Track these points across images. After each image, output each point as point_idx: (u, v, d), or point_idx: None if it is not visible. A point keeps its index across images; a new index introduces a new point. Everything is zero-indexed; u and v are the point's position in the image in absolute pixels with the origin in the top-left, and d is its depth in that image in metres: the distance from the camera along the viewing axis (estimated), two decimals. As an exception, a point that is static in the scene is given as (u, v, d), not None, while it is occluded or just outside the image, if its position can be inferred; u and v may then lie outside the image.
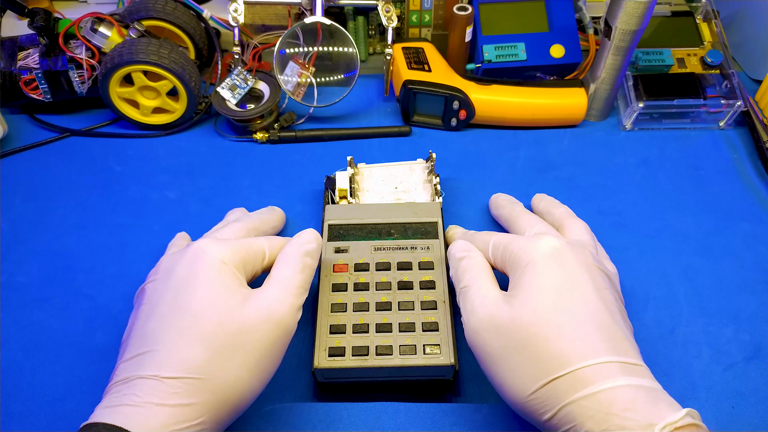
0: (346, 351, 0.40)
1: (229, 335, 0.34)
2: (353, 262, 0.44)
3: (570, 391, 0.31)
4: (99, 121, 0.60)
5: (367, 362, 0.39)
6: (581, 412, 0.31)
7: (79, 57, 0.56)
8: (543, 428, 0.33)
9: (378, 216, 0.47)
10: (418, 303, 0.42)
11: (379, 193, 0.51)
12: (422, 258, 0.44)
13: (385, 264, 0.44)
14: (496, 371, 0.34)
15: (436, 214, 0.47)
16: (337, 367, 0.39)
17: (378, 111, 0.63)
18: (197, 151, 0.58)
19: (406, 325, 0.41)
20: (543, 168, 0.57)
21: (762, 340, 0.45)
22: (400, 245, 0.45)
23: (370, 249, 0.45)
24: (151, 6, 0.57)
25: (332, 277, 0.43)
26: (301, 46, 0.59)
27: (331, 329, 0.41)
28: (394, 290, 0.43)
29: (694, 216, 0.53)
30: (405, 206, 0.48)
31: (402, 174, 0.53)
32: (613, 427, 0.29)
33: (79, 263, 0.49)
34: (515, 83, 0.60)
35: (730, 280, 0.49)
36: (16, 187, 0.55)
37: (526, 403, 0.33)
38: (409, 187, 0.52)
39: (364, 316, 0.41)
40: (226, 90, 0.58)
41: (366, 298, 0.42)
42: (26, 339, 0.44)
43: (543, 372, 0.32)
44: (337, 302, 0.42)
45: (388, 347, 0.40)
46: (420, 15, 0.65)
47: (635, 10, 0.52)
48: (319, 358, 0.39)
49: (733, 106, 0.59)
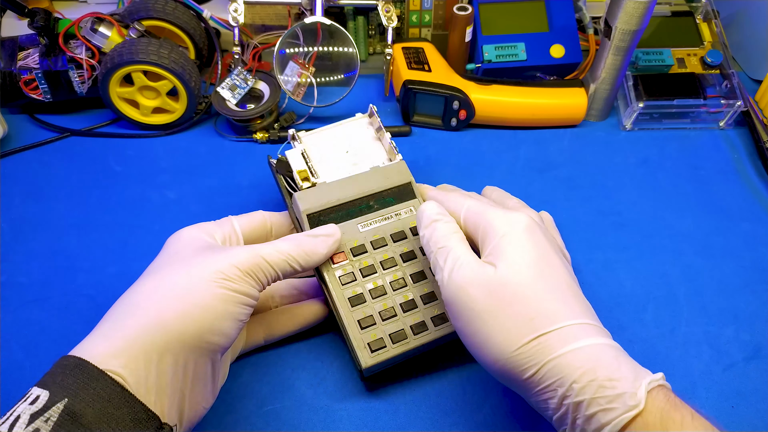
0: (385, 341, 0.39)
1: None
2: (348, 247, 0.43)
3: (557, 347, 0.32)
4: (99, 121, 0.60)
5: (408, 344, 0.40)
6: (569, 364, 0.31)
7: (79, 57, 0.56)
8: (520, 387, 0.34)
9: (352, 191, 0.44)
10: (428, 270, 0.42)
11: (333, 162, 0.47)
12: (411, 223, 0.44)
13: (380, 240, 0.43)
14: (480, 327, 0.34)
15: (406, 173, 0.46)
16: (382, 360, 0.39)
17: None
18: (197, 151, 0.58)
19: (427, 296, 0.41)
20: (543, 168, 0.57)
21: (762, 340, 0.45)
22: (384, 215, 0.44)
23: (357, 228, 0.43)
24: (151, 6, 0.57)
25: (334, 269, 0.42)
26: (301, 46, 0.59)
27: (361, 325, 0.40)
28: (400, 264, 0.42)
29: (694, 216, 0.53)
30: (373, 173, 0.45)
31: (347, 135, 0.49)
32: (601, 377, 0.30)
33: (79, 263, 0.49)
34: (515, 83, 0.60)
35: (730, 280, 0.49)
36: (16, 187, 0.55)
37: (509, 359, 0.33)
38: (361, 147, 0.48)
39: (386, 300, 0.41)
40: (226, 90, 0.58)
41: (378, 281, 0.42)
42: (26, 339, 0.44)
43: (531, 328, 0.33)
44: (352, 295, 0.41)
45: (421, 324, 0.40)
46: (420, 15, 0.65)
47: (635, 10, 0.52)
48: (363, 358, 0.39)
49: (733, 106, 0.59)
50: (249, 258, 0.36)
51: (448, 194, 0.41)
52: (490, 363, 0.34)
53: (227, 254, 0.36)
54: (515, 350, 0.33)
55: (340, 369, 0.43)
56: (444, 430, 0.40)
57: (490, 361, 0.34)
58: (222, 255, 0.36)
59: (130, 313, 0.34)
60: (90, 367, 0.31)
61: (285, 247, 0.38)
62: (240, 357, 0.43)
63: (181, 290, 0.34)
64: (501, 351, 0.33)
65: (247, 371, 0.43)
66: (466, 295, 0.35)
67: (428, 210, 0.40)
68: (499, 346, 0.33)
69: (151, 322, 0.33)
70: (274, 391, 0.42)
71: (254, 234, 0.43)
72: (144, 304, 0.34)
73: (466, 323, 0.35)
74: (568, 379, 0.31)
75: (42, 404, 0.29)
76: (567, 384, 0.31)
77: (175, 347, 0.33)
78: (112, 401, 0.30)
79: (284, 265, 0.38)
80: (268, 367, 0.43)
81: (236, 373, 0.42)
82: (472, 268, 0.35)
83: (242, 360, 0.43)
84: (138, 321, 0.33)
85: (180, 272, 0.35)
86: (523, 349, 0.32)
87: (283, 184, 0.46)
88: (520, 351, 0.33)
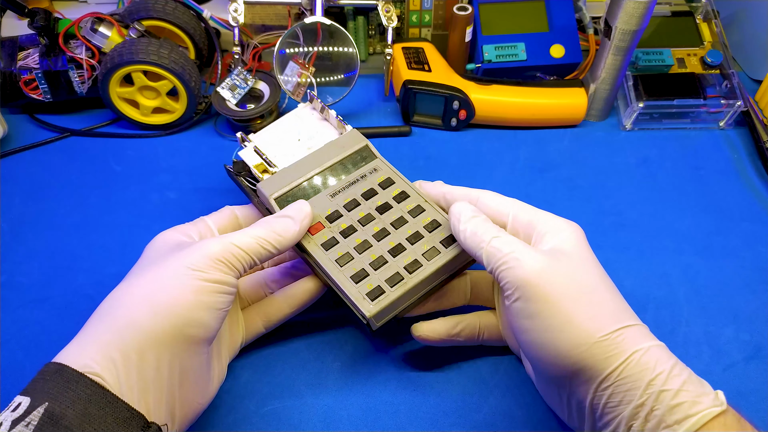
0: (383, 287, 0.39)
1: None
2: (322, 217, 0.42)
3: (640, 340, 0.32)
4: (99, 121, 0.60)
5: (407, 284, 0.39)
6: (655, 357, 0.32)
7: (79, 57, 0.56)
8: (591, 378, 0.32)
9: (313, 167, 0.44)
10: (406, 214, 0.42)
11: (288, 151, 0.46)
12: (379, 179, 0.44)
13: (352, 202, 0.43)
14: (560, 311, 0.33)
15: (360, 138, 0.46)
16: (386, 305, 0.38)
17: (378, 111, 0.63)
18: (197, 151, 0.58)
19: (412, 236, 0.41)
20: (543, 168, 0.57)
21: (762, 340, 0.45)
22: (350, 181, 0.44)
23: (327, 198, 0.43)
24: (151, 6, 0.57)
25: (314, 239, 0.41)
26: (301, 46, 0.59)
27: (354, 279, 0.39)
28: (378, 217, 0.42)
29: (694, 216, 0.53)
30: (328, 147, 0.45)
31: (294, 125, 0.48)
32: (685, 374, 0.31)
33: (79, 263, 0.49)
34: (515, 83, 0.60)
35: (730, 280, 0.49)
36: (16, 187, 0.55)
37: (594, 344, 0.32)
38: (310, 132, 0.48)
39: (372, 252, 0.41)
40: (226, 90, 0.58)
41: (360, 237, 0.41)
42: (26, 339, 0.44)
43: (616, 318, 0.33)
44: (338, 256, 0.40)
45: (414, 262, 0.40)
46: (420, 15, 0.65)
47: (635, 10, 0.52)
48: (364, 307, 0.38)
49: (733, 106, 0.59)
50: (220, 246, 0.36)
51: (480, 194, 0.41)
52: (568, 349, 0.33)
53: (197, 246, 0.36)
54: (602, 336, 0.32)
55: (340, 369, 0.43)
56: (444, 430, 0.40)
57: (568, 347, 0.33)
58: (192, 248, 0.36)
59: (102, 318, 0.34)
60: (69, 370, 0.31)
61: (256, 231, 0.38)
62: (240, 357, 0.43)
63: (151, 288, 0.34)
64: (586, 336, 0.32)
65: (247, 371, 0.43)
66: (544, 279, 0.34)
67: (465, 207, 0.39)
68: (585, 331, 0.32)
69: (123, 323, 0.33)
70: (274, 391, 0.42)
71: (229, 229, 0.43)
72: (115, 307, 0.34)
73: (542, 307, 0.33)
74: (656, 369, 0.31)
75: (23, 410, 0.29)
76: (654, 374, 0.31)
77: (153, 345, 0.33)
78: (92, 402, 0.30)
79: (257, 248, 0.37)
80: (268, 367, 0.43)
81: (236, 373, 0.42)
82: (543, 257, 0.35)
83: (242, 360, 0.43)
84: (111, 324, 0.33)
85: (150, 271, 0.36)
86: (610, 337, 0.32)
87: (245, 184, 0.45)
88: (607, 338, 0.32)
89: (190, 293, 0.34)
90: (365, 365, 0.43)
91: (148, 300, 0.34)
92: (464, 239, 0.38)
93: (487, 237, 0.36)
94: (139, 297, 0.34)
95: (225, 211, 0.43)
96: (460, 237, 0.38)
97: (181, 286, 0.34)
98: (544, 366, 0.35)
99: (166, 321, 0.33)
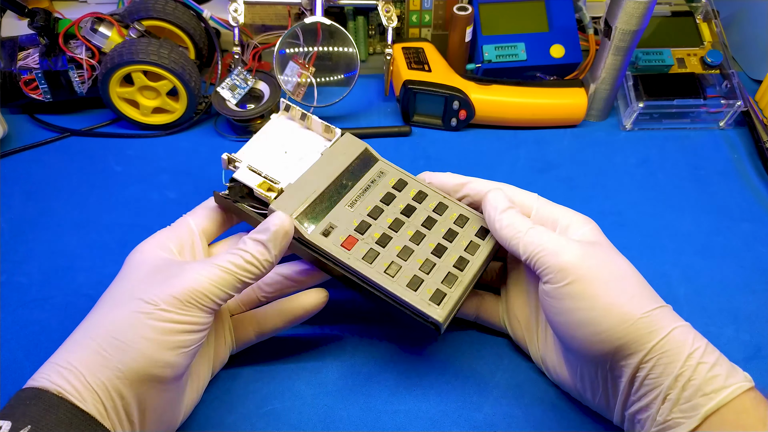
0: (443, 289, 0.39)
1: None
2: (351, 230, 0.41)
3: (676, 318, 0.35)
4: (99, 121, 0.60)
5: (463, 281, 0.39)
6: (692, 332, 0.35)
7: (79, 57, 0.56)
8: (635, 353, 0.34)
9: (321, 179, 0.42)
10: (432, 213, 0.42)
11: (281, 166, 0.44)
12: (390, 182, 0.44)
13: (375, 209, 0.42)
14: (606, 292, 0.35)
15: (357, 142, 0.45)
16: (452, 306, 0.38)
17: (378, 111, 0.63)
18: (197, 151, 0.58)
19: (447, 234, 0.41)
20: (543, 168, 0.57)
21: (762, 340, 0.45)
22: (363, 187, 0.43)
23: (347, 209, 0.42)
24: (151, 6, 0.57)
25: (352, 254, 0.39)
26: (301, 46, 0.59)
27: (411, 287, 0.38)
28: (407, 221, 0.42)
29: (694, 216, 0.53)
30: (328, 156, 0.43)
31: (275, 138, 0.46)
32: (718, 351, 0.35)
33: (79, 263, 0.49)
34: (515, 83, 0.60)
35: (730, 280, 0.49)
36: (16, 187, 0.55)
37: (639, 320, 0.34)
38: (296, 142, 0.45)
39: (417, 255, 0.40)
40: (226, 90, 0.58)
41: (398, 243, 0.41)
42: (26, 339, 0.44)
43: (653, 299, 0.36)
44: (385, 267, 0.39)
45: (461, 258, 0.40)
46: (420, 15, 0.65)
47: (635, 10, 0.53)
48: (434, 313, 0.37)
49: (733, 106, 0.59)
50: (187, 284, 0.34)
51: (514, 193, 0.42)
52: (615, 325, 0.34)
53: (166, 284, 0.34)
54: (644, 313, 0.34)
55: (340, 369, 0.43)
56: (444, 430, 0.40)
57: (614, 323, 0.34)
58: (161, 286, 0.35)
59: (76, 348, 0.34)
60: (48, 395, 0.31)
61: (226, 262, 0.35)
62: (239, 357, 0.43)
63: (117, 327, 0.34)
64: (630, 313, 0.34)
65: (247, 371, 0.43)
66: (587, 263, 0.36)
67: (501, 198, 0.40)
68: (629, 310, 0.35)
69: (95, 358, 0.33)
70: (274, 391, 0.42)
71: (214, 227, 0.42)
72: (88, 338, 0.34)
73: (588, 288, 0.35)
74: (694, 344, 0.34)
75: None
76: (693, 348, 0.34)
77: (121, 382, 0.33)
78: (74, 425, 0.31)
79: (232, 282, 0.35)
80: (268, 367, 0.43)
81: (236, 374, 0.42)
82: (581, 244, 0.37)
83: (242, 360, 0.43)
84: (83, 356, 0.33)
85: (118, 306, 0.35)
86: (650, 314, 0.35)
87: (249, 211, 0.41)
88: (648, 315, 0.34)
89: (154, 334, 0.33)
90: (365, 365, 0.43)
91: (115, 338, 0.33)
92: (500, 229, 0.39)
93: (524, 228, 0.38)
94: (105, 333, 0.34)
95: (210, 203, 0.42)
96: (495, 226, 0.39)
97: (145, 327, 0.33)
98: (588, 344, 0.36)
99: (132, 360, 0.33)
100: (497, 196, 0.40)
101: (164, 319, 0.33)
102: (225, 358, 0.41)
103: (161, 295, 0.34)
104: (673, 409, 0.33)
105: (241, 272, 0.36)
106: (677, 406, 0.33)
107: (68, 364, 0.33)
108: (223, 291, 0.35)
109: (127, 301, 0.35)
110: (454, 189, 0.44)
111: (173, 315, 0.34)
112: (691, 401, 0.33)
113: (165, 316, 0.34)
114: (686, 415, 0.33)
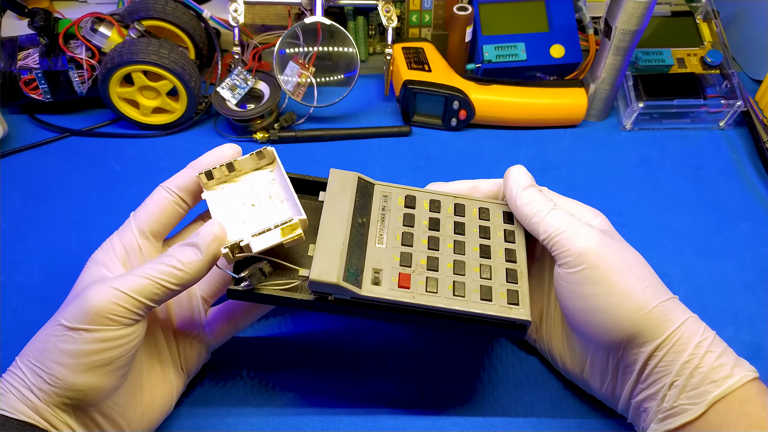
0: (511, 288, 0.38)
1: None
2: (397, 266, 0.38)
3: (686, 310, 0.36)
4: (99, 121, 0.60)
5: (523, 272, 0.39)
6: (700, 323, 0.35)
7: (79, 57, 0.56)
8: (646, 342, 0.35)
9: (338, 228, 0.38)
10: (456, 217, 0.41)
11: (269, 213, 0.38)
12: (399, 202, 0.41)
13: (405, 235, 0.39)
14: (622, 279, 0.35)
15: (348, 175, 0.40)
16: (528, 301, 0.38)
17: (378, 111, 0.63)
18: (197, 151, 0.58)
19: (481, 231, 0.41)
20: (543, 168, 0.57)
21: (762, 340, 0.45)
22: (378, 218, 0.40)
23: (380, 248, 0.38)
24: (151, 6, 0.57)
25: (414, 293, 0.37)
26: (301, 46, 0.59)
27: (485, 297, 0.37)
28: (439, 235, 0.40)
29: (694, 216, 0.53)
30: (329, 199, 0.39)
31: (226, 205, 0.39)
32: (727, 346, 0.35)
33: (79, 263, 0.49)
34: (515, 83, 0.60)
35: (730, 280, 0.49)
36: (16, 187, 0.55)
37: (654, 309, 0.34)
38: (249, 192, 0.40)
39: (470, 264, 0.39)
40: (226, 90, 0.58)
41: (447, 260, 0.39)
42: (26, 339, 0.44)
43: (664, 290, 0.36)
44: (449, 289, 0.37)
45: (507, 251, 0.40)
46: (420, 15, 0.65)
47: (635, 10, 0.53)
48: (520, 314, 0.37)
49: (733, 106, 0.59)
50: (102, 297, 0.32)
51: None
52: (631, 312, 0.35)
53: (78, 301, 0.33)
54: (659, 303, 0.35)
55: (340, 369, 0.43)
56: (444, 430, 0.40)
57: (630, 311, 0.35)
58: (73, 305, 0.33)
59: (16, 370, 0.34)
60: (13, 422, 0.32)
61: (150, 270, 0.33)
62: (239, 356, 0.43)
63: (35, 353, 0.33)
64: (646, 302, 0.35)
65: (245, 371, 0.43)
66: (607, 249, 0.36)
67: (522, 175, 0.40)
68: (645, 298, 0.35)
69: (40, 381, 0.32)
70: (274, 391, 0.42)
71: (163, 220, 0.38)
72: (32, 360, 0.33)
73: (606, 273, 0.35)
74: (703, 334, 0.34)
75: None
76: (702, 338, 0.34)
77: (50, 406, 0.33)
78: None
79: (151, 290, 0.33)
80: (267, 368, 0.43)
81: (236, 373, 0.42)
82: (600, 231, 0.37)
83: (242, 359, 0.43)
84: (31, 380, 0.33)
85: (43, 330, 0.34)
86: (665, 304, 0.35)
87: (286, 295, 0.37)
88: (662, 305, 0.35)
89: (66, 358, 0.32)
90: (365, 365, 0.43)
91: (34, 364, 0.33)
92: (521, 206, 0.39)
93: (546, 208, 0.38)
94: (28, 359, 0.33)
95: (157, 195, 0.39)
96: (517, 203, 0.39)
97: (57, 351, 0.32)
98: (603, 331, 0.36)
99: (49, 388, 0.32)
100: (519, 172, 0.40)
101: (75, 341, 0.32)
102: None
103: (73, 312, 0.32)
104: (680, 395, 0.33)
105: (165, 278, 0.33)
106: (684, 392, 0.33)
107: (21, 391, 0.33)
108: (140, 300, 0.33)
109: (50, 323, 0.34)
110: (467, 194, 0.43)
111: (84, 335, 0.32)
112: (698, 388, 0.33)
113: (75, 337, 0.32)
114: (693, 401, 0.33)
